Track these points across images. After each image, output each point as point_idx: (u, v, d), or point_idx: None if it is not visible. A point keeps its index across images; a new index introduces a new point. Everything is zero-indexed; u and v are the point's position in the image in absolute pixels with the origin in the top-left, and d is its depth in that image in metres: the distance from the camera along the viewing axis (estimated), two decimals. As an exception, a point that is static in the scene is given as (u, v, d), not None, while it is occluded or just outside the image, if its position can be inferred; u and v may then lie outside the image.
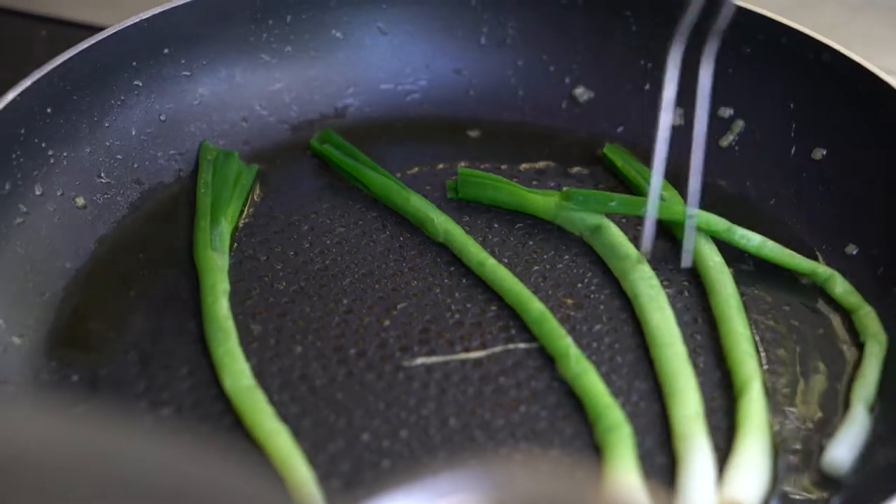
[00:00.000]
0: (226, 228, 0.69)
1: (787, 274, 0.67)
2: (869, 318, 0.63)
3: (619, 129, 0.75)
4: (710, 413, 0.60)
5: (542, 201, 0.69)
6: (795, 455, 0.58)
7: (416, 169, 0.73)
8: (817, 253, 0.68)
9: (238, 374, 0.61)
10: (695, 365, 0.62)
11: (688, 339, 0.63)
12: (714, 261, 0.66)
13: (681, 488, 0.55)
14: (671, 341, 0.61)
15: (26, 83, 0.67)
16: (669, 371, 0.60)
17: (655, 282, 0.64)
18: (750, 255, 0.67)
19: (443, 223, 0.69)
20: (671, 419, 0.59)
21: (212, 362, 0.63)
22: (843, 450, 0.58)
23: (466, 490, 0.36)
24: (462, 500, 0.36)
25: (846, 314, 0.65)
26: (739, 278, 0.66)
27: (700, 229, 0.66)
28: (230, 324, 0.64)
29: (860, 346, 0.63)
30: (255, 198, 0.72)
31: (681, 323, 0.63)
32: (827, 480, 0.58)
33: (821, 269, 0.65)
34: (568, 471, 0.57)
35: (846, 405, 0.61)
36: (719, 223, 0.66)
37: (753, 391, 0.59)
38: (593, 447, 0.59)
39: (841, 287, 0.65)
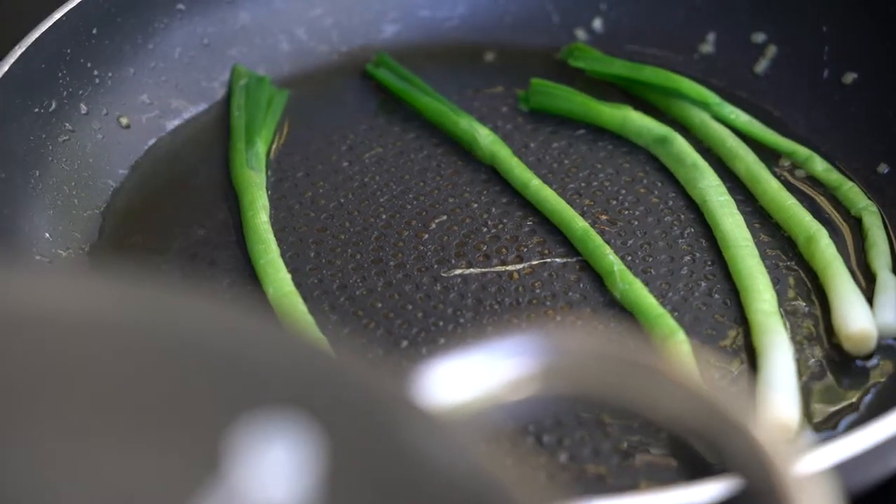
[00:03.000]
0: (261, 149, 0.69)
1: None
2: (854, 192, 0.65)
3: (653, 50, 0.75)
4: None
5: (610, 112, 0.70)
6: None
7: (460, 93, 0.73)
8: (848, 172, 0.68)
9: (280, 282, 0.63)
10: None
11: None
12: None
13: (763, 379, 0.57)
14: (744, 243, 0.63)
15: (73, 3, 0.69)
16: (744, 270, 0.62)
17: (723, 189, 0.66)
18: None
19: (489, 145, 0.69)
20: (749, 315, 0.60)
21: (254, 274, 0.64)
22: (890, 313, 0.60)
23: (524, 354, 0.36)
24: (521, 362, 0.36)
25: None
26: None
27: (693, 100, 0.70)
28: (271, 236, 0.65)
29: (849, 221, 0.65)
30: (293, 121, 0.73)
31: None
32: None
33: (800, 148, 0.67)
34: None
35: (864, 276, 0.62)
36: (710, 97, 0.70)
37: (823, 238, 0.62)
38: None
39: (821, 165, 0.67)
